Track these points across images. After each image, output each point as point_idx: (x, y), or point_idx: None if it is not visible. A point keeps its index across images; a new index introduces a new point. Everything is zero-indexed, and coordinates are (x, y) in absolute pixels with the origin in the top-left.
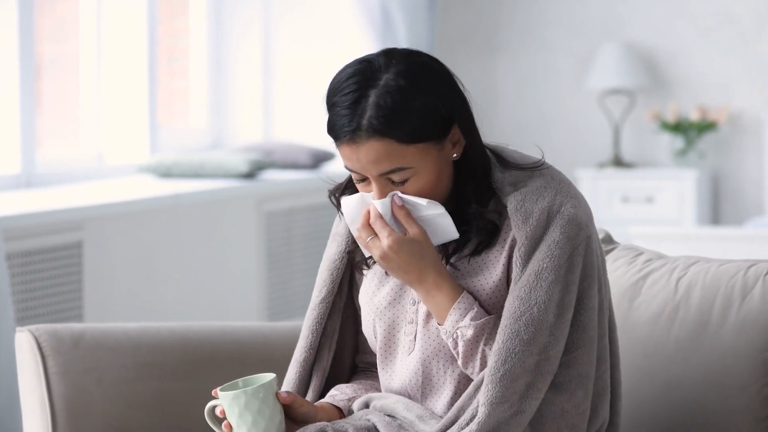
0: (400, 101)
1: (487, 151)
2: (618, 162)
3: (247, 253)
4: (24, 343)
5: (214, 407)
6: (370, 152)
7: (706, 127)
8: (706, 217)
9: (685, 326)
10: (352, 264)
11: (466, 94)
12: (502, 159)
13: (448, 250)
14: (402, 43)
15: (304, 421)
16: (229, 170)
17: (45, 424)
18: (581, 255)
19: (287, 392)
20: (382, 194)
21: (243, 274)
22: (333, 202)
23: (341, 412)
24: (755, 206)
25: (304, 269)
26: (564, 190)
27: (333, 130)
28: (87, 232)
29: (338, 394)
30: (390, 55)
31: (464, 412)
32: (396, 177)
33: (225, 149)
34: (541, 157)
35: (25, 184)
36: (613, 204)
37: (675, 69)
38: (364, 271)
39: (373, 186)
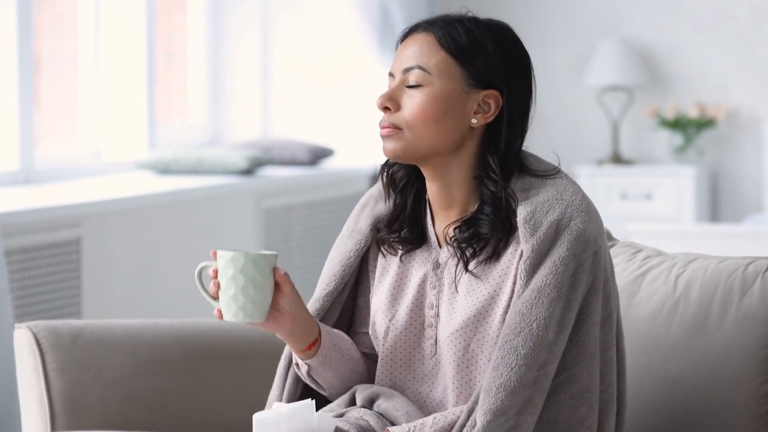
0: (473, 26)
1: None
2: (617, 159)
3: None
4: (23, 339)
5: (205, 267)
6: (413, 44)
7: (704, 124)
8: (705, 214)
9: (684, 323)
10: (379, 246)
11: (533, 98)
12: (519, 163)
13: (466, 256)
14: None
15: (286, 311)
16: (227, 167)
17: (44, 420)
18: (586, 272)
19: (285, 272)
20: (393, 92)
21: None
22: (383, 179)
23: (319, 335)
24: (754, 203)
25: (303, 266)
26: (575, 203)
27: (401, 34)
28: (85, 229)
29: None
30: (501, 22)
31: (462, 426)
32: (412, 77)
33: (223, 146)
34: (557, 164)
35: (23, 181)
36: (611, 201)
37: (673, 66)
38: (378, 275)
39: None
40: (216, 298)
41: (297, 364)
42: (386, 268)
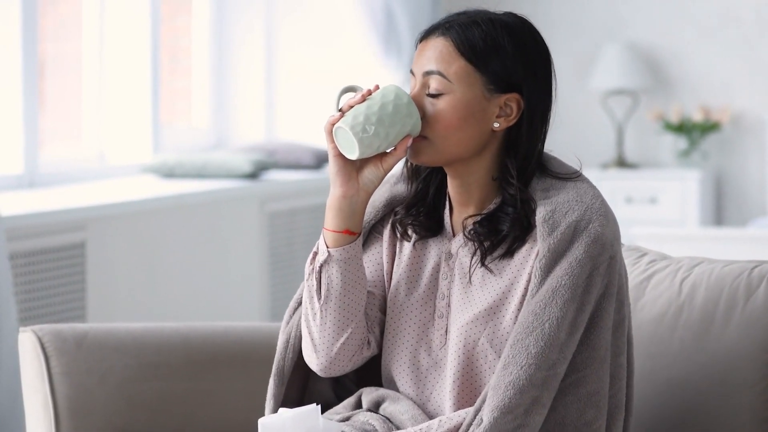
0: (490, 27)
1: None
2: (621, 162)
3: (250, 253)
4: (27, 343)
5: (356, 86)
6: (431, 48)
7: (709, 127)
8: (710, 218)
9: (689, 327)
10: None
11: (553, 95)
12: (541, 164)
13: (484, 247)
14: (405, 44)
15: (363, 181)
16: (232, 170)
17: (48, 424)
18: (601, 275)
19: (408, 150)
20: (417, 92)
21: (246, 274)
22: (408, 164)
23: (359, 237)
24: (758, 207)
25: None
26: (595, 206)
27: (420, 34)
28: (90, 232)
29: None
30: (519, 16)
31: (469, 425)
32: (433, 82)
33: (228, 149)
34: (578, 168)
35: (28, 184)
36: (616, 205)
37: (678, 69)
38: (389, 257)
39: (412, 91)
40: (344, 112)
41: (315, 253)
42: (399, 252)
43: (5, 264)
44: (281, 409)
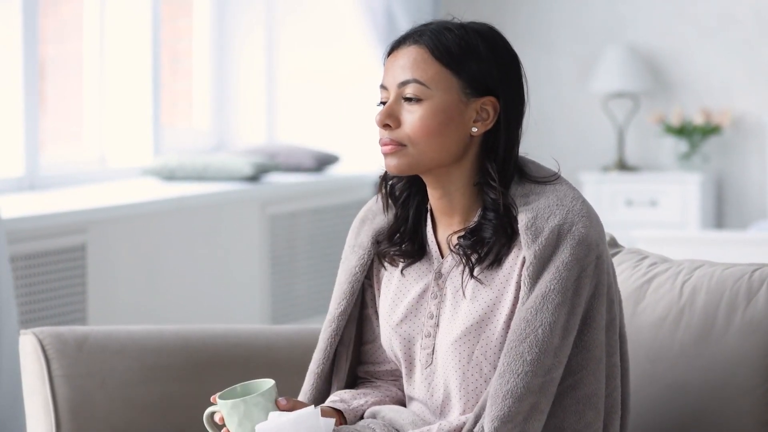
0: (463, 32)
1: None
2: (622, 165)
3: (251, 256)
4: (28, 345)
5: (213, 413)
6: (404, 57)
7: (710, 130)
8: (710, 221)
9: (689, 330)
10: (381, 262)
11: (526, 99)
12: (519, 169)
13: (471, 261)
14: None
15: None
16: (232, 173)
17: (49, 427)
18: (589, 276)
19: (286, 399)
20: (391, 109)
21: (247, 277)
22: (383, 191)
23: (341, 416)
24: (759, 210)
25: (308, 272)
26: (576, 208)
27: (389, 47)
28: (91, 235)
29: (338, 400)
30: (486, 23)
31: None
32: (410, 90)
33: (228, 151)
34: (557, 170)
35: (28, 187)
36: (617, 207)
37: (678, 72)
38: (383, 286)
39: (388, 101)
40: None
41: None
42: (389, 280)
43: (6, 266)
44: (278, 412)
